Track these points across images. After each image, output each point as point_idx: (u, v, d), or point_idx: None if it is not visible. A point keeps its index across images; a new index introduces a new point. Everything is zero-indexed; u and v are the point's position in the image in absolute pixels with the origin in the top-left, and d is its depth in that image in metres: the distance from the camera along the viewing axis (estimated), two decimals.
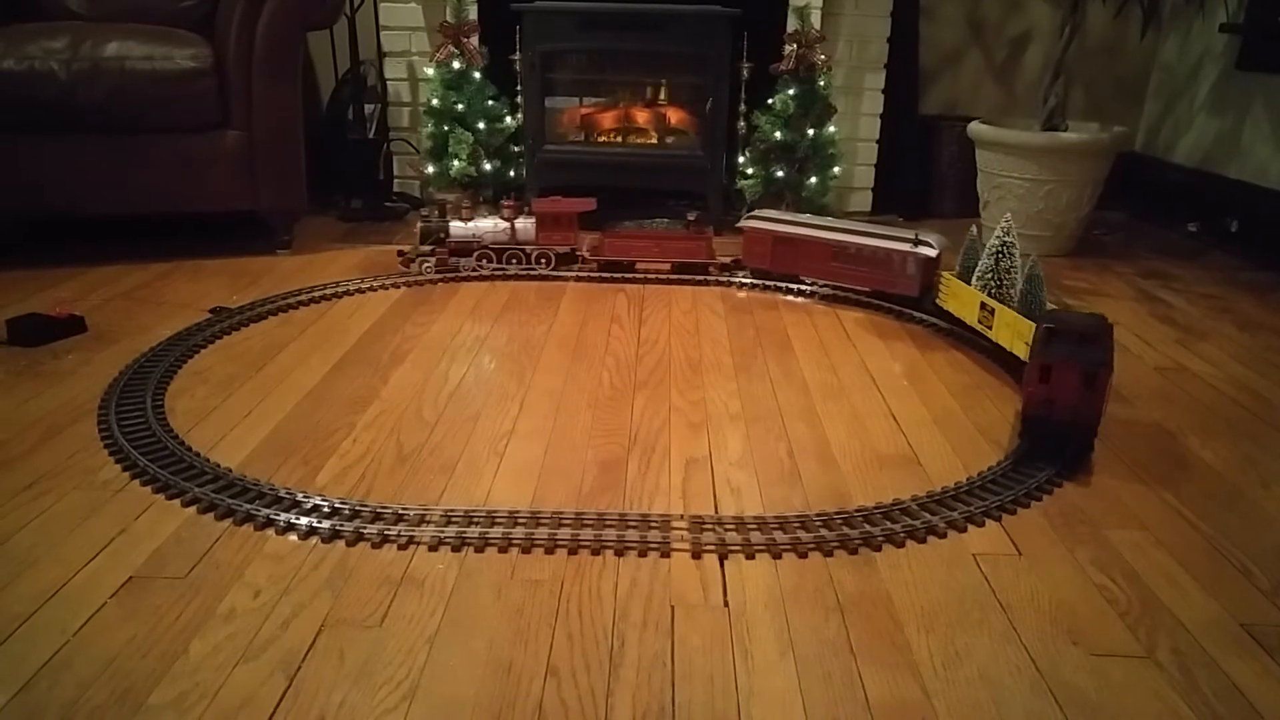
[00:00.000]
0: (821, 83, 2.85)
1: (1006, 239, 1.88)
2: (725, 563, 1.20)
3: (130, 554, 1.18)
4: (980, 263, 1.93)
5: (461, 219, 2.39)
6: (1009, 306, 1.82)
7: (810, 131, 2.86)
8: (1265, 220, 2.76)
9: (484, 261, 2.41)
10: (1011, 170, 2.72)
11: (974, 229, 2.07)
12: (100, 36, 2.27)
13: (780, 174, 2.88)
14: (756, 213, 2.45)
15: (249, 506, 1.28)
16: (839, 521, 1.27)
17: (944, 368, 1.88)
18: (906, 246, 2.21)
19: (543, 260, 2.42)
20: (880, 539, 1.25)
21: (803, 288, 2.34)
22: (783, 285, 2.36)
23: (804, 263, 2.35)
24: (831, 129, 2.91)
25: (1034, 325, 1.65)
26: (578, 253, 2.46)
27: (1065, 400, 1.43)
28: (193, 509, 1.29)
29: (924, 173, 3.25)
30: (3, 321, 1.89)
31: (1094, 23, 3.10)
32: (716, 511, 1.32)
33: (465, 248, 2.40)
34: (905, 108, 3.20)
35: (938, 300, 2.11)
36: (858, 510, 1.30)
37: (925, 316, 2.16)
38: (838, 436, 1.57)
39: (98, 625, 1.05)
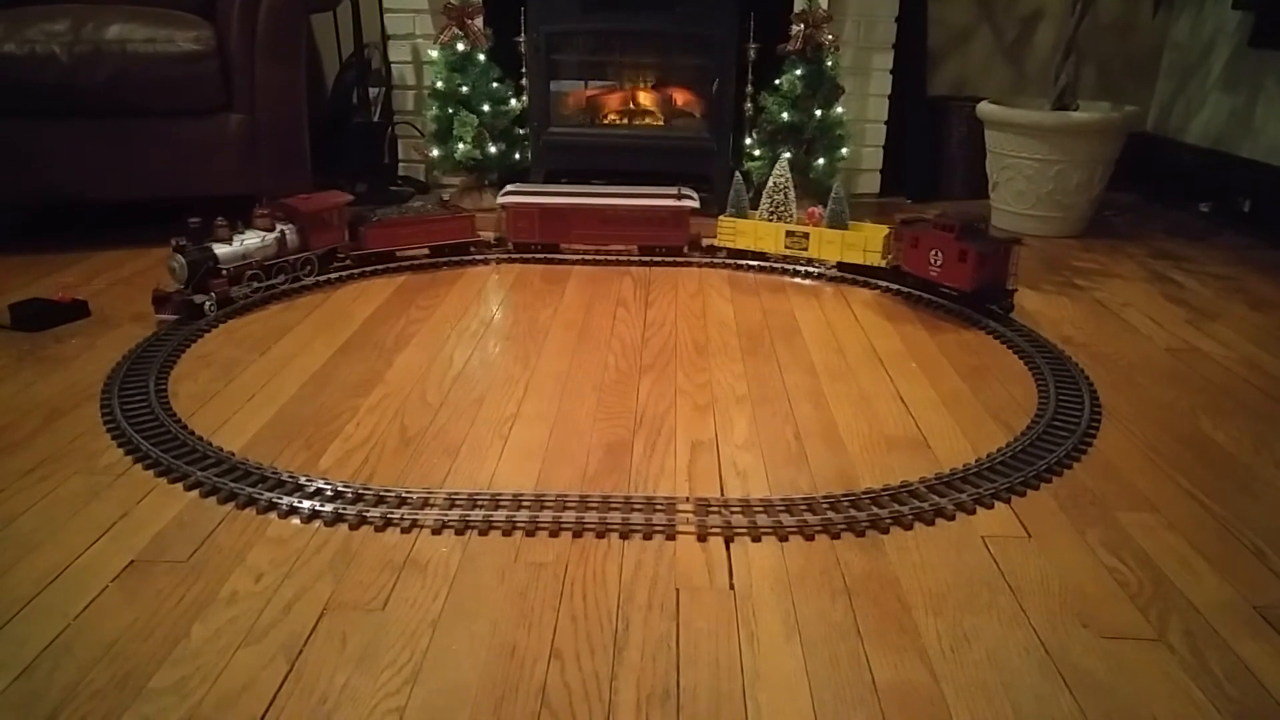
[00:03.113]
0: (829, 63, 2.82)
1: (786, 173, 2.34)
2: (731, 545, 1.19)
3: (132, 538, 1.18)
4: (769, 199, 2.33)
5: (223, 239, 2.03)
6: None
7: (818, 112, 2.84)
8: (1278, 200, 2.72)
9: (254, 283, 2.07)
10: (1021, 151, 2.69)
11: (737, 175, 2.44)
12: (101, 19, 2.26)
13: (788, 155, 2.85)
14: (510, 188, 2.48)
15: (251, 490, 1.27)
16: (846, 504, 1.26)
17: (952, 349, 1.86)
18: (672, 201, 2.39)
19: (307, 268, 2.18)
20: (888, 521, 1.23)
21: (810, 269, 2.32)
22: (790, 267, 2.34)
23: (575, 231, 2.43)
24: (839, 110, 2.88)
25: (870, 234, 2.22)
26: (337, 251, 2.27)
27: (993, 274, 2.01)
28: (195, 493, 1.28)
29: (933, 154, 3.21)
30: (5, 306, 1.89)
31: (1105, 0, 3.06)
32: (722, 494, 1.31)
33: (242, 271, 2.05)
34: (914, 88, 3.16)
35: (715, 242, 2.42)
36: (865, 492, 1.29)
37: (701, 259, 2.41)
38: (845, 418, 1.55)
39: (99, 609, 1.04)
